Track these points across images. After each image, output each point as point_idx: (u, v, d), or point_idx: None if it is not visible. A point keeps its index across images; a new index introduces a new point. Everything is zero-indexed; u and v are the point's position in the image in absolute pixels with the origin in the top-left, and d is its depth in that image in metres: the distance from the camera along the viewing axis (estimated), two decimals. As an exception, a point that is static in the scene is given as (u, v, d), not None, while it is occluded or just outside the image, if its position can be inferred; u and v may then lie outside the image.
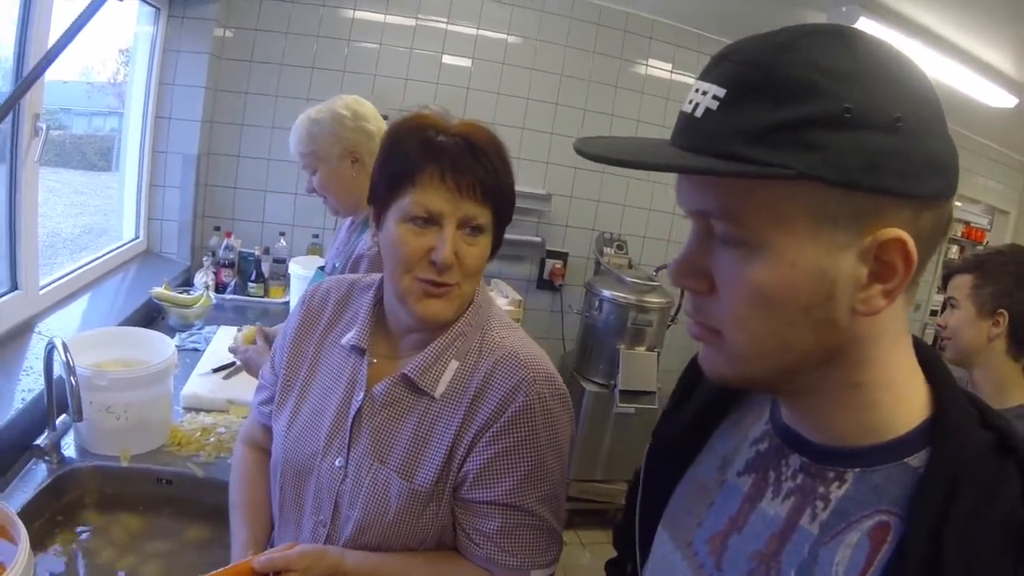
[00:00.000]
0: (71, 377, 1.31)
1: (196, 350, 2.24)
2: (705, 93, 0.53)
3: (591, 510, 3.36)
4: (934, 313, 4.95)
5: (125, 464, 1.51)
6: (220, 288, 2.92)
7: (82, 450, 1.53)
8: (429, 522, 1.00)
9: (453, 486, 1.00)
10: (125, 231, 2.95)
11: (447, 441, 0.98)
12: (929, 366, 0.60)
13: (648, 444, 0.81)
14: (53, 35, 1.78)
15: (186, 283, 2.89)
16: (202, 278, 2.82)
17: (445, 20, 3.29)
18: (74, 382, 1.31)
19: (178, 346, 2.03)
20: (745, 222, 0.52)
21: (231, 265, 2.99)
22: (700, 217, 0.56)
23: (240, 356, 1.75)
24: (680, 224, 3.83)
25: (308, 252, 3.22)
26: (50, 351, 1.39)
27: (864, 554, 0.53)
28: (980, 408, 0.57)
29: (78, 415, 1.32)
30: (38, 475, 1.41)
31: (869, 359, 0.55)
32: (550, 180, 3.58)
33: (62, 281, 2.19)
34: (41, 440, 1.45)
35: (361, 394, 1.03)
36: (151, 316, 2.43)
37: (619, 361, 3.17)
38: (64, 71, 2.44)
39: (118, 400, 1.49)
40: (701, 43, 3.63)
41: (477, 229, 0.99)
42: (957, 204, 4.26)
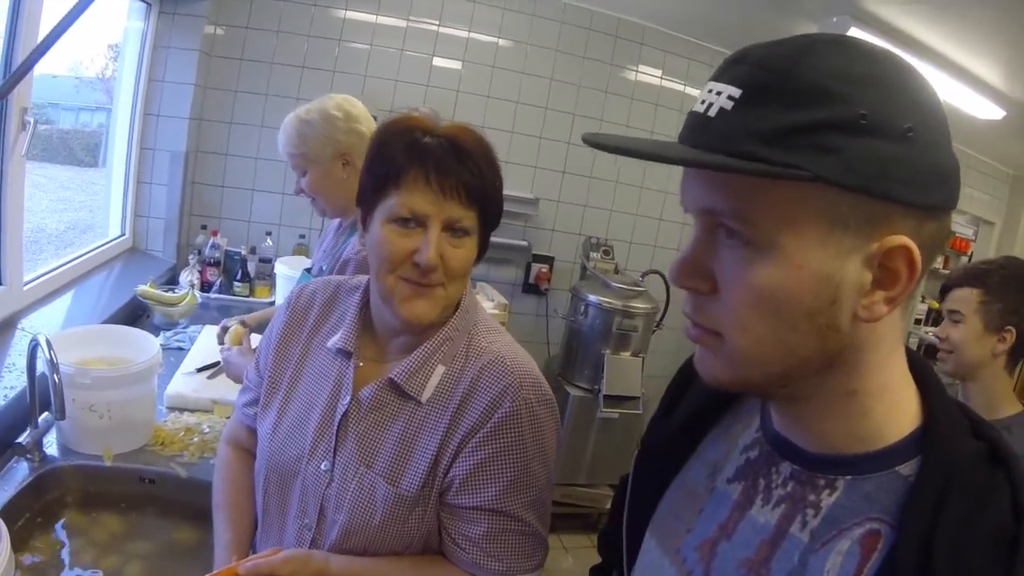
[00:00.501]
0: (54, 375, 1.30)
1: (181, 349, 2.23)
2: (719, 94, 0.53)
3: (574, 514, 3.36)
4: (918, 322, 5.00)
5: (108, 463, 1.50)
6: (205, 287, 2.91)
7: (64, 448, 1.51)
8: (415, 527, 1.00)
9: (439, 491, 1.00)
10: (111, 228, 2.93)
11: (433, 446, 0.99)
12: (921, 375, 0.60)
13: (636, 450, 0.81)
14: (43, 29, 1.77)
15: (171, 281, 2.87)
16: (187, 277, 2.80)
17: (436, 22, 3.29)
18: (57, 380, 1.30)
19: (163, 345, 2.01)
20: (755, 222, 0.52)
21: (217, 264, 2.97)
22: (706, 216, 0.56)
23: (222, 353, 1.74)
24: (667, 230, 3.86)
25: (294, 252, 3.21)
26: (33, 348, 1.38)
27: (855, 562, 0.53)
28: (971, 418, 0.58)
29: (61, 413, 1.31)
30: (20, 473, 1.40)
31: (865, 366, 0.56)
32: (538, 184, 3.59)
33: (46, 277, 2.18)
34: (23, 438, 1.44)
35: (348, 398, 1.03)
36: (136, 314, 2.42)
37: (604, 366, 3.18)
38: (53, 65, 2.43)
39: (101, 398, 1.47)
40: (691, 50, 3.65)
41: (462, 231, 0.99)
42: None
